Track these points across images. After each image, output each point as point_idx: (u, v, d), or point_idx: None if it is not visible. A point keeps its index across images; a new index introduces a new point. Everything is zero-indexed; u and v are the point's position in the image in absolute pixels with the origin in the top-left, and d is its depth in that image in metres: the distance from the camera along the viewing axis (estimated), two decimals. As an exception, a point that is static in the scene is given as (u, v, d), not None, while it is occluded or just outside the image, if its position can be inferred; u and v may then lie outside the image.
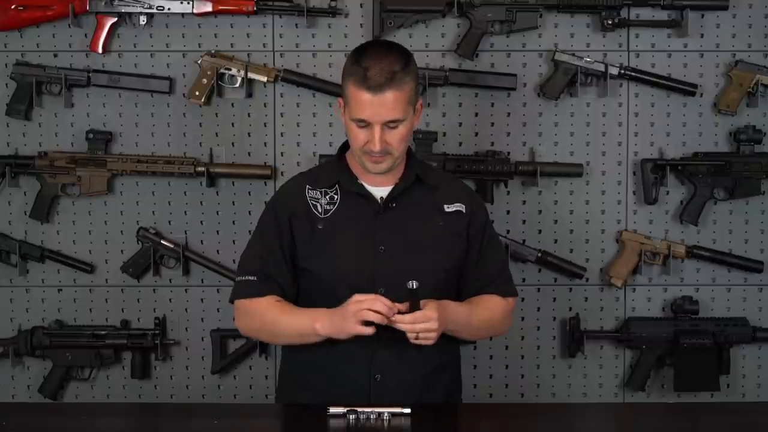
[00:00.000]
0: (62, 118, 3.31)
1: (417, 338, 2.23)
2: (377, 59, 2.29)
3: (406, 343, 2.28)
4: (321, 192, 2.40)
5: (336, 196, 2.40)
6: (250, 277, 2.40)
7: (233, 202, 3.33)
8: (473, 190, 2.84)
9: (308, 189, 2.41)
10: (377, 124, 2.28)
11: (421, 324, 2.22)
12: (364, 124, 2.29)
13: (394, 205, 2.39)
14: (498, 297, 2.47)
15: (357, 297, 2.22)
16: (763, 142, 3.29)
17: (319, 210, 2.39)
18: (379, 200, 2.39)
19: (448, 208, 2.42)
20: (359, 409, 2.17)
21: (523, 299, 3.33)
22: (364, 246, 2.35)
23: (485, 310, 2.43)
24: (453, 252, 2.41)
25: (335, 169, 2.44)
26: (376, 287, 2.32)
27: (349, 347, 2.33)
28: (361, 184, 2.40)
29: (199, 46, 3.28)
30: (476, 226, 2.45)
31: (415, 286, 2.20)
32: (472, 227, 2.44)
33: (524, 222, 3.33)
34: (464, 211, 2.43)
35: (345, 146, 2.46)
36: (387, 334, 2.30)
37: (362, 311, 2.21)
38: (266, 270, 2.39)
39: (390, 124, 2.29)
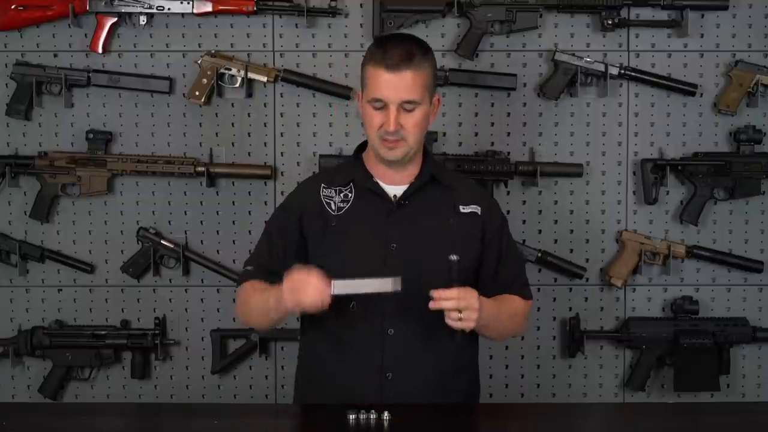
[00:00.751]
0: (62, 118, 3.31)
1: (460, 319, 2.20)
2: (397, 43, 2.34)
3: (418, 340, 2.30)
4: (335, 190, 2.41)
5: (350, 194, 2.40)
6: (249, 267, 2.45)
7: (233, 202, 3.33)
8: (490, 194, 2.83)
9: (323, 188, 2.42)
10: (393, 104, 2.29)
11: (465, 300, 2.21)
12: (381, 104, 2.30)
13: (407, 203, 2.39)
14: (519, 298, 2.48)
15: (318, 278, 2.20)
16: (763, 142, 3.29)
17: (333, 207, 2.39)
18: (393, 198, 2.39)
19: (464, 209, 2.42)
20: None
21: (523, 299, 3.33)
22: (375, 243, 2.35)
23: (511, 306, 2.44)
24: (467, 253, 2.39)
25: (350, 167, 2.45)
26: None
27: (361, 344, 2.34)
28: (376, 182, 2.40)
29: (199, 46, 3.28)
30: (492, 230, 2.44)
31: (455, 258, 2.19)
32: (488, 231, 2.43)
33: (524, 222, 3.33)
34: (479, 213, 2.42)
35: (361, 147, 2.47)
36: (398, 331, 2.32)
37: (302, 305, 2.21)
38: (266, 264, 2.42)
39: (406, 105, 2.30)
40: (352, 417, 2.15)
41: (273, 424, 2.32)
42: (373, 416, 2.15)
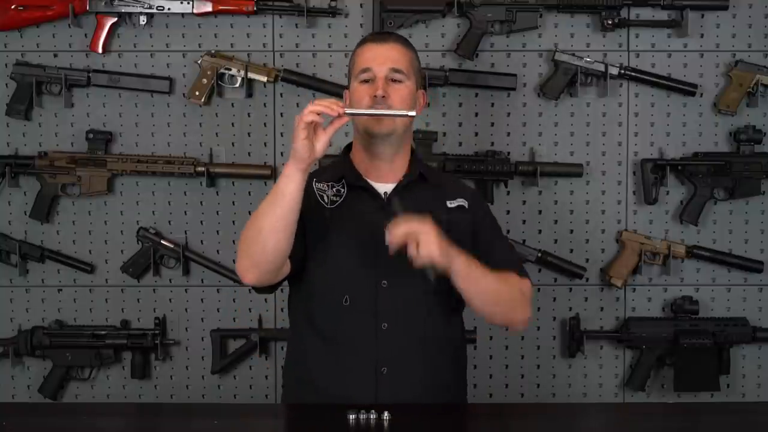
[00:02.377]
0: (62, 118, 3.31)
1: (418, 248, 2.16)
2: (382, 32, 2.46)
3: (412, 334, 2.31)
4: (328, 185, 2.41)
5: (342, 190, 2.41)
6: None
7: (233, 202, 3.33)
8: (474, 189, 2.83)
9: (314, 181, 2.42)
10: (381, 73, 2.33)
11: (414, 226, 2.17)
12: (369, 75, 2.34)
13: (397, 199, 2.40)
14: (514, 273, 2.40)
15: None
16: (763, 142, 3.30)
17: (326, 200, 2.40)
18: (384, 195, 2.40)
19: (451, 204, 2.42)
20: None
21: (523, 299, 3.33)
22: (367, 239, 2.36)
23: (498, 275, 2.33)
24: (460, 246, 2.39)
25: (339, 165, 2.46)
26: (379, 279, 2.34)
27: (355, 339, 2.34)
28: (366, 180, 2.41)
29: (199, 46, 3.28)
30: (479, 218, 2.44)
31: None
32: (475, 221, 2.43)
33: (524, 222, 3.33)
34: (466, 206, 2.44)
35: (349, 147, 2.48)
36: (392, 326, 2.32)
37: (301, 119, 2.16)
38: None
39: (393, 75, 2.33)
40: (352, 417, 2.15)
41: (273, 424, 2.32)
42: (373, 416, 2.14)
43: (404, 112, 2.29)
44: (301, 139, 2.17)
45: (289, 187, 2.21)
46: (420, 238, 2.18)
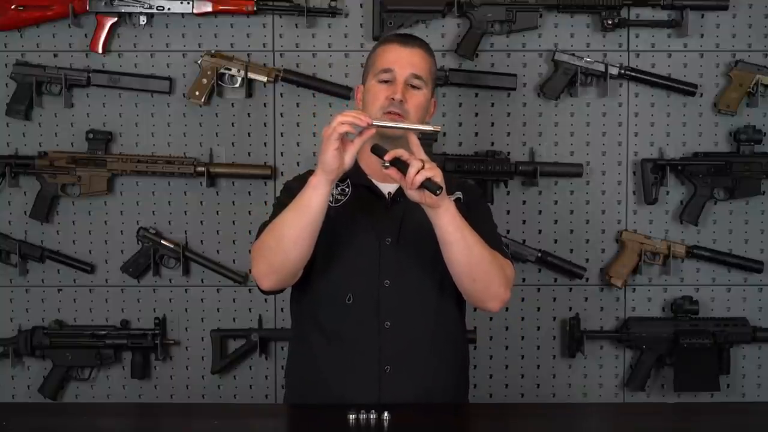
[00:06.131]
0: (62, 118, 3.31)
1: (423, 167, 2.15)
2: (406, 34, 2.48)
3: (415, 332, 2.32)
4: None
5: (347, 189, 2.42)
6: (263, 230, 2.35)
7: (233, 202, 3.33)
8: (473, 184, 2.83)
9: None
10: (401, 76, 2.34)
11: (422, 156, 2.19)
12: (389, 76, 2.35)
13: (401, 200, 2.40)
14: (500, 254, 2.38)
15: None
16: (763, 142, 3.30)
17: (330, 199, 2.40)
18: (387, 195, 2.41)
19: (450, 198, 2.41)
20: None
21: (523, 299, 3.33)
22: (370, 237, 2.37)
23: (486, 246, 2.31)
24: None
25: None
26: (381, 278, 2.34)
27: (358, 338, 2.34)
28: (370, 180, 2.42)
29: (199, 46, 3.28)
30: (471, 207, 2.42)
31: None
32: (468, 209, 2.40)
33: (524, 222, 3.33)
34: (462, 199, 2.44)
35: None
36: (395, 324, 2.33)
37: (334, 130, 2.17)
38: None
39: (413, 81, 2.35)
40: (352, 417, 2.15)
41: (273, 424, 2.32)
42: (373, 416, 2.15)
43: (430, 128, 2.28)
44: (331, 150, 2.19)
45: (316, 198, 2.23)
46: (425, 163, 2.18)
